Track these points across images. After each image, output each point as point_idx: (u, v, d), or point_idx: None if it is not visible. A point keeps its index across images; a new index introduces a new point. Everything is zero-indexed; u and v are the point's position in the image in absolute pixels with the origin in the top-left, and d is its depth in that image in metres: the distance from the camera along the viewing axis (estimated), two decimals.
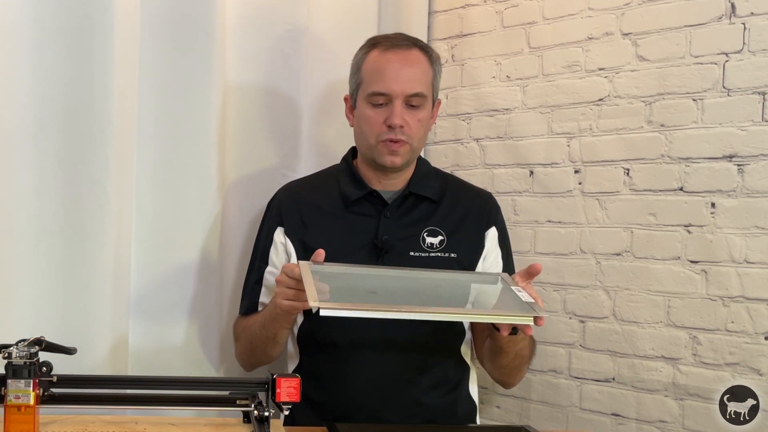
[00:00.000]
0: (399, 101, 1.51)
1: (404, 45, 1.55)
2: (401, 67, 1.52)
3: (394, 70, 1.51)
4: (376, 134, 1.53)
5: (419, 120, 1.53)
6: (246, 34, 1.80)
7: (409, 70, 1.52)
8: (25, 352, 1.14)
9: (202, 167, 1.72)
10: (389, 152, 1.53)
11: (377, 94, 1.52)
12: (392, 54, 1.53)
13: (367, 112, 1.54)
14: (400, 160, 1.54)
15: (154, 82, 1.65)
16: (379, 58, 1.54)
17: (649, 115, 1.72)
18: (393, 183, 1.60)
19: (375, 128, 1.53)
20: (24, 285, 1.50)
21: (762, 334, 1.56)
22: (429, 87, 1.55)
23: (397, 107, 1.50)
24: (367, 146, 1.56)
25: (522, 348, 1.50)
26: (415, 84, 1.52)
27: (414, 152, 1.57)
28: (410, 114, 1.52)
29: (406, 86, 1.51)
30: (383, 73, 1.52)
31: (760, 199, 1.56)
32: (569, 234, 1.86)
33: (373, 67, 1.54)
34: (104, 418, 1.30)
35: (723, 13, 1.60)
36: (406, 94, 1.51)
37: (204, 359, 1.77)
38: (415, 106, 1.52)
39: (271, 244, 1.61)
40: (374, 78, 1.53)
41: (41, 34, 1.49)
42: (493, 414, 1.99)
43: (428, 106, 1.56)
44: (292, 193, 1.66)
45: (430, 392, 1.54)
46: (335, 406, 1.52)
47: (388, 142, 1.52)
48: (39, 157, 1.50)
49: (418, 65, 1.53)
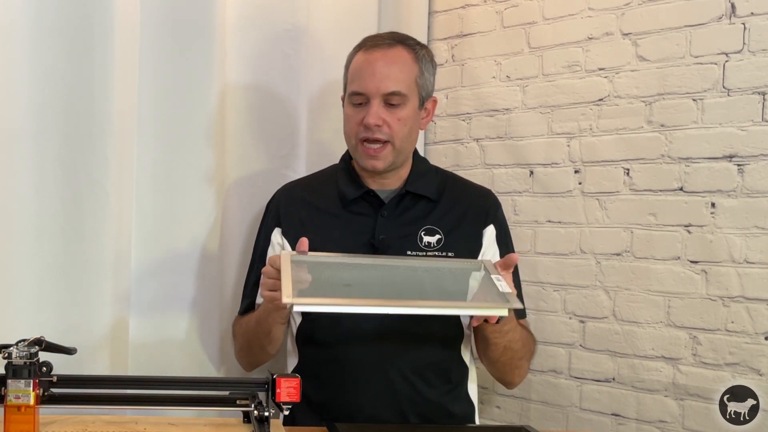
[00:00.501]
0: (376, 100, 1.50)
1: (386, 43, 1.54)
2: (379, 65, 1.51)
3: (371, 69, 1.51)
4: (354, 133, 1.54)
5: (399, 119, 1.51)
6: (246, 34, 1.80)
7: (386, 68, 1.51)
8: (25, 352, 1.14)
9: (201, 167, 1.73)
10: (369, 157, 1.53)
11: (355, 93, 1.52)
12: (372, 53, 1.53)
13: (348, 111, 1.56)
14: (382, 164, 1.54)
15: (154, 82, 1.65)
16: (360, 58, 1.54)
17: (649, 115, 1.72)
18: (389, 182, 1.60)
19: (353, 127, 1.54)
20: (24, 285, 1.50)
21: (762, 334, 1.56)
22: (411, 85, 1.53)
23: (373, 106, 1.50)
24: (351, 147, 1.58)
25: (511, 341, 1.49)
26: (391, 83, 1.50)
27: (399, 152, 1.54)
28: (389, 113, 1.51)
29: (381, 85, 1.50)
30: (361, 72, 1.52)
31: (760, 199, 1.56)
32: (569, 234, 1.86)
33: (354, 67, 1.55)
34: (104, 418, 1.30)
35: (723, 13, 1.60)
36: (381, 93, 1.50)
37: (204, 359, 1.77)
38: (394, 105, 1.51)
39: (269, 246, 1.61)
40: (353, 78, 1.54)
41: (41, 35, 1.49)
42: (493, 414, 1.99)
43: (411, 105, 1.53)
44: (291, 193, 1.66)
45: (429, 391, 1.54)
46: (334, 405, 1.52)
47: (365, 144, 1.52)
48: (39, 157, 1.51)
49: (397, 63, 1.52)
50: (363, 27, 1.86)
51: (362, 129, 1.52)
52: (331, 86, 1.89)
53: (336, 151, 1.77)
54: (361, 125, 1.51)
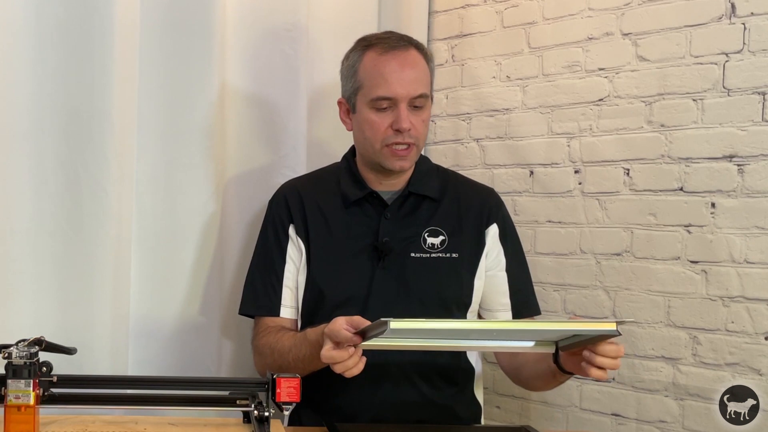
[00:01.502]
0: (404, 104, 1.49)
1: (402, 46, 1.52)
2: (403, 69, 1.49)
3: (397, 73, 1.49)
4: (381, 139, 1.50)
5: (423, 120, 1.52)
6: (246, 34, 1.80)
7: (411, 72, 1.50)
8: (25, 352, 1.14)
9: (201, 167, 1.72)
10: (398, 158, 1.51)
11: (382, 98, 1.49)
12: (391, 56, 1.50)
13: (371, 116, 1.51)
14: (409, 164, 1.54)
15: (154, 82, 1.65)
16: (378, 61, 1.51)
17: (649, 115, 1.72)
18: (393, 183, 1.59)
19: (380, 133, 1.50)
20: (24, 285, 1.50)
21: (762, 334, 1.56)
22: (429, 86, 1.54)
23: (403, 111, 1.48)
24: (373, 151, 1.53)
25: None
26: (419, 85, 1.50)
27: (419, 153, 1.57)
28: (415, 116, 1.50)
29: (410, 89, 1.49)
30: (385, 76, 1.49)
31: (760, 199, 1.56)
32: (569, 234, 1.86)
33: (373, 71, 1.51)
34: (104, 418, 1.30)
35: (723, 13, 1.60)
36: (411, 97, 1.49)
37: (204, 359, 1.77)
38: (418, 107, 1.51)
39: (288, 241, 1.58)
40: (376, 82, 1.50)
41: (41, 34, 1.49)
42: (494, 414, 1.99)
43: (429, 106, 1.55)
44: (296, 190, 1.63)
45: (436, 394, 1.53)
46: (341, 408, 1.51)
47: (395, 146, 1.50)
48: (39, 157, 1.51)
49: (418, 66, 1.52)
50: (363, 27, 1.86)
51: (392, 134, 1.49)
52: (331, 86, 1.88)
53: (336, 151, 1.77)
54: (390, 129, 1.49)
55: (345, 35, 1.76)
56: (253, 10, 1.81)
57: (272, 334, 1.52)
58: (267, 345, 1.51)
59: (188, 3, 1.68)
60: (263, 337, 1.54)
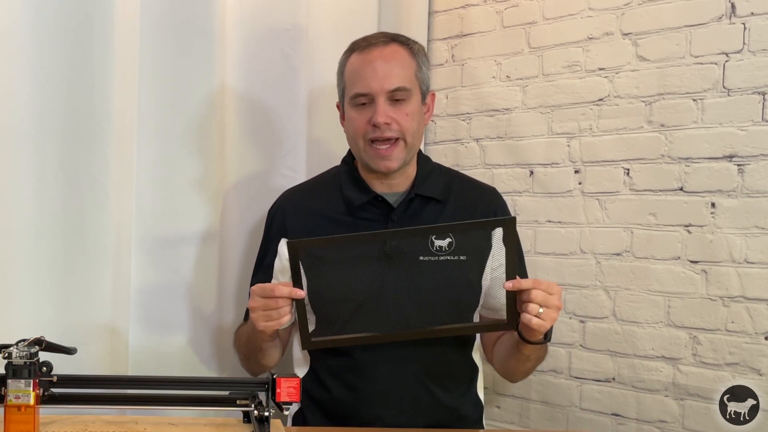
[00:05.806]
0: (381, 98, 1.48)
1: (380, 42, 1.52)
2: (379, 63, 1.49)
3: (372, 68, 1.49)
4: (362, 135, 1.50)
5: (407, 114, 1.50)
6: (246, 34, 1.81)
7: (386, 65, 1.49)
8: (25, 352, 1.14)
9: (201, 167, 1.73)
10: (380, 158, 1.50)
11: (358, 95, 1.50)
12: (368, 53, 1.51)
13: (351, 114, 1.52)
14: (395, 164, 1.51)
15: (154, 82, 1.65)
16: (357, 60, 1.52)
17: (649, 115, 1.72)
18: (396, 184, 1.56)
19: (360, 129, 1.50)
20: (24, 285, 1.50)
21: (762, 334, 1.56)
22: (412, 79, 1.52)
23: (380, 105, 1.47)
24: (358, 150, 1.53)
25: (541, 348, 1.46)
26: (395, 78, 1.48)
27: (410, 148, 1.52)
28: (396, 110, 1.49)
29: (385, 82, 1.48)
30: (361, 73, 1.50)
31: (760, 199, 1.56)
32: (569, 234, 1.86)
33: (351, 70, 1.52)
34: (104, 418, 1.30)
35: (723, 13, 1.60)
36: (386, 90, 1.48)
37: (204, 359, 1.78)
38: (400, 100, 1.49)
39: (276, 257, 1.58)
40: (354, 80, 1.51)
41: (41, 34, 1.49)
42: (494, 414, 1.99)
43: (416, 99, 1.52)
44: (294, 201, 1.62)
45: (444, 395, 1.52)
46: (349, 410, 1.50)
47: (377, 145, 1.49)
48: (39, 157, 1.51)
49: (396, 59, 1.50)
50: (363, 27, 1.86)
51: (370, 129, 1.49)
52: (331, 86, 1.88)
53: (336, 151, 1.77)
54: (369, 125, 1.49)
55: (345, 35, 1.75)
56: (253, 10, 1.81)
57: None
58: (236, 337, 1.62)
59: (188, 3, 1.69)
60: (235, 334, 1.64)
